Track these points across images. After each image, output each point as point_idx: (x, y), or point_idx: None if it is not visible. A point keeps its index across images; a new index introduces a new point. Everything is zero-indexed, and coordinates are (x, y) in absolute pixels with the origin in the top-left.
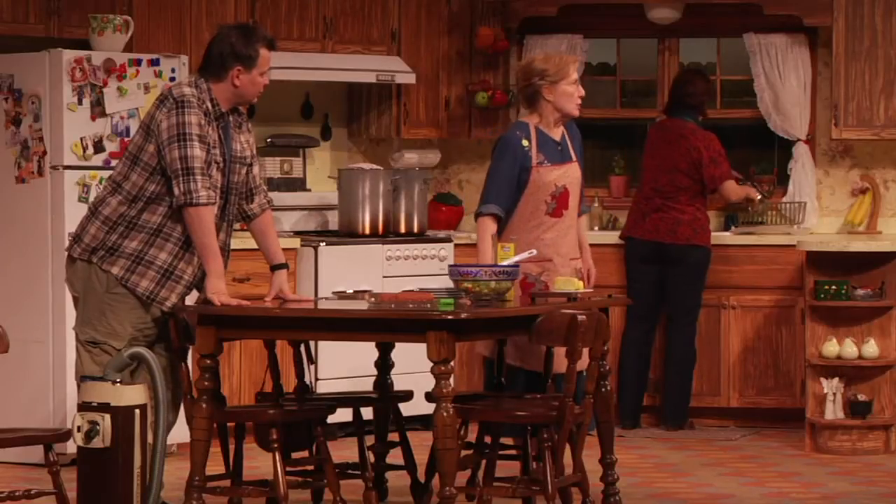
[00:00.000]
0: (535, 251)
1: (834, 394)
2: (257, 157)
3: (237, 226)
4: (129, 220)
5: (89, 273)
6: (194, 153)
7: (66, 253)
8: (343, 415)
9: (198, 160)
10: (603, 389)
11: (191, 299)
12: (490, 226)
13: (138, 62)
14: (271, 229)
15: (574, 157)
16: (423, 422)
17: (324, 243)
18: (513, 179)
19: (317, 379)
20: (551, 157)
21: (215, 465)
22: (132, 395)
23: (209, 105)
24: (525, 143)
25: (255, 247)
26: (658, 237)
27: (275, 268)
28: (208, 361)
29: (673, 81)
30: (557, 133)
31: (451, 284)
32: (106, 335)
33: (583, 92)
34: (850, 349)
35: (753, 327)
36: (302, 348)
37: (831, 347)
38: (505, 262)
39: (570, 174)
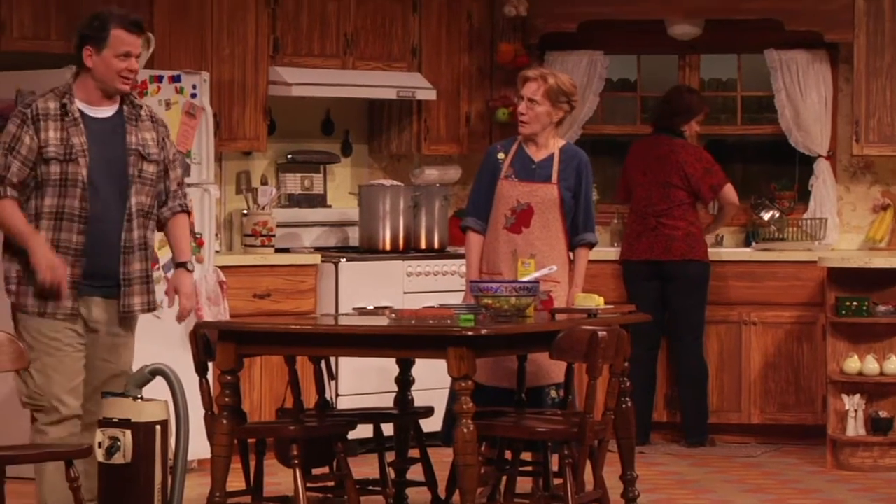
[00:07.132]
0: (555, 267)
1: (855, 410)
2: (176, 162)
3: (256, 242)
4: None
5: None
6: None
7: None
8: (363, 431)
9: None
10: (623, 406)
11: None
12: (470, 238)
13: (159, 79)
14: (181, 230)
15: (554, 180)
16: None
17: (344, 259)
18: (485, 190)
19: (337, 395)
20: (521, 174)
21: (236, 481)
22: (153, 411)
23: (57, 104)
24: (501, 155)
25: (275, 263)
26: (653, 256)
27: (177, 265)
28: (229, 377)
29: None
30: (541, 153)
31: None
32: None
33: (522, 107)
34: (871, 365)
35: (774, 343)
36: (322, 364)
37: (852, 364)
38: (525, 278)
39: (538, 194)
